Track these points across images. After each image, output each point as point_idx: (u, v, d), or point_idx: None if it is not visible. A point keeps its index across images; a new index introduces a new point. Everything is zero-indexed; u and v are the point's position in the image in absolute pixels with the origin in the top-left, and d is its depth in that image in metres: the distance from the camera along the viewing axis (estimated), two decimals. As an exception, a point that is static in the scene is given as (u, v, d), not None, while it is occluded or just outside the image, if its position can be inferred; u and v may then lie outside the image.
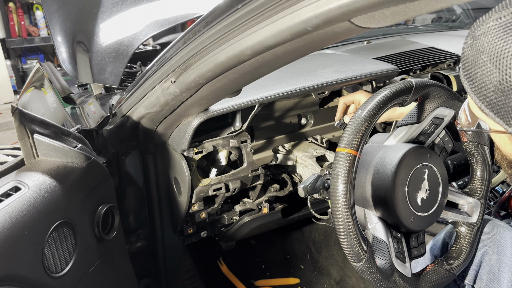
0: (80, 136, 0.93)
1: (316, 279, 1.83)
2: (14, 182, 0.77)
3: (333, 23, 0.56)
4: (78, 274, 0.82)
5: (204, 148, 1.11)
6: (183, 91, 0.88)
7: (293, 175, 1.38)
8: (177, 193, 1.17)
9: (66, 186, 0.81)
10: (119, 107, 1.10)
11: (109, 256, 0.94)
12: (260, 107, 1.14)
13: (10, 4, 4.26)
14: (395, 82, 0.92)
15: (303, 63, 1.44)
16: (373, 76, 1.35)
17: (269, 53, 0.67)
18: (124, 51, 1.27)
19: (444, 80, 1.56)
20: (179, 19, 1.34)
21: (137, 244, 1.29)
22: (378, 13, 0.53)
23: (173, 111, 0.99)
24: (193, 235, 1.31)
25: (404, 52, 1.63)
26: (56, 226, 0.76)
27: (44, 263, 0.73)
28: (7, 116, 4.11)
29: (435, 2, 0.48)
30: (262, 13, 0.61)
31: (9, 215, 0.70)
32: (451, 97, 0.95)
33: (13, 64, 4.50)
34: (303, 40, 0.62)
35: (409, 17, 0.52)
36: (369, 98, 0.82)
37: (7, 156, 1.07)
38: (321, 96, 1.27)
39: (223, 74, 0.79)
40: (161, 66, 0.89)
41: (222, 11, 0.68)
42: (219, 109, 1.06)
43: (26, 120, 0.81)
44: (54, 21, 1.33)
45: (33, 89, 1.70)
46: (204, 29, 0.73)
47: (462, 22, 2.46)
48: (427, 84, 0.91)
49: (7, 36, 4.33)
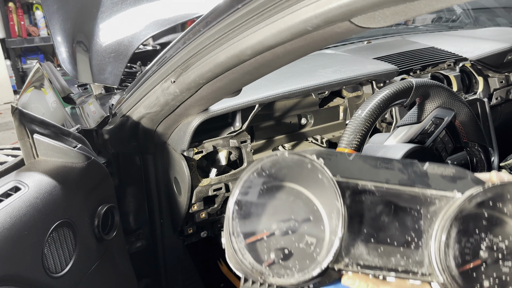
0: (80, 136, 0.93)
1: (316, 279, 1.83)
2: (14, 182, 0.77)
3: (333, 23, 0.56)
4: (78, 274, 0.82)
5: (204, 148, 1.10)
6: (183, 91, 0.88)
7: (293, 175, 1.37)
8: (177, 193, 1.17)
9: (66, 186, 0.81)
10: (119, 107, 1.10)
11: (109, 256, 0.94)
12: (260, 107, 1.14)
13: (10, 4, 4.26)
14: (395, 82, 0.92)
15: (303, 63, 1.44)
16: (373, 76, 1.35)
17: (269, 53, 0.67)
18: (124, 51, 1.27)
19: (444, 80, 1.56)
20: (179, 19, 1.34)
21: (137, 244, 1.29)
22: (378, 13, 0.52)
23: (173, 111, 0.99)
24: (193, 235, 1.31)
25: (404, 52, 1.63)
26: (56, 226, 0.76)
27: (44, 263, 0.73)
28: (7, 116, 4.11)
29: (435, 2, 0.48)
30: (262, 13, 0.61)
31: (9, 215, 0.70)
32: (451, 97, 0.95)
33: (13, 64, 4.50)
34: (303, 40, 0.62)
35: (409, 17, 0.52)
36: (369, 98, 0.82)
37: (7, 156, 1.07)
38: (321, 96, 1.27)
39: (223, 74, 0.79)
40: (161, 66, 0.89)
41: (222, 11, 0.68)
42: (219, 109, 1.06)
43: (26, 120, 0.81)
44: (54, 21, 1.33)
45: (33, 89, 1.70)
46: (204, 29, 0.73)
47: (462, 22, 2.46)
48: (427, 84, 0.91)
49: (7, 36, 4.32)
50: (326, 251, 0.52)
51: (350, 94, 1.42)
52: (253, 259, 0.52)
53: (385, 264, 0.53)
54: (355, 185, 0.54)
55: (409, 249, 0.53)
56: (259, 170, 0.54)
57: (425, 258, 0.52)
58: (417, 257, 0.53)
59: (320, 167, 0.53)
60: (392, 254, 0.53)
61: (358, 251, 0.53)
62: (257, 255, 0.53)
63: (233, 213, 0.54)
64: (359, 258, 0.53)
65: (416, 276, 0.52)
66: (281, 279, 0.52)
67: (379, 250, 0.53)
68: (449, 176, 0.55)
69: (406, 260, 0.53)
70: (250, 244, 0.53)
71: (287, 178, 0.55)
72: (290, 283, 0.52)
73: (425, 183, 0.55)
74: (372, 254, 0.53)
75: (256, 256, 0.53)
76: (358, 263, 0.53)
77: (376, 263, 0.53)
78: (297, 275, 0.51)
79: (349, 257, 0.53)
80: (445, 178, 0.56)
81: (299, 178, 0.55)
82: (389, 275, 0.53)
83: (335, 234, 0.52)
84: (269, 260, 0.53)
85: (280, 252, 0.53)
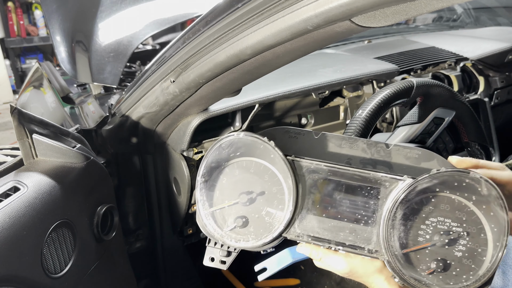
0: (79, 136, 0.92)
1: (316, 279, 1.83)
2: (13, 182, 0.77)
3: (334, 23, 0.56)
4: (77, 274, 0.82)
5: (203, 148, 1.10)
6: (182, 90, 0.87)
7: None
8: (176, 194, 1.17)
9: (65, 186, 0.81)
10: (118, 107, 1.10)
11: (108, 256, 0.94)
12: (260, 107, 1.13)
13: (9, 4, 4.26)
14: (396, 82, 0.92)
15: (304, 62, 1.44)
16: (374, 75, 1.35)
17: (269, 52, 0.67)
18: (124, 51, 1.26)
19: (445, 79, 1.55)
20: (179, 19, 1.34)
21: (136, 245, 1.29)
22: (379, 12, 0.52)
23: (173, 111, 0.98)
24: (193, 236, 1.31)
25: (405, 51, 1.63)
26: (55, 227, 0.76)
27: (43, 263, 0.73)
28: (6, 116, 4.11)
29: (436, 2, 0.48)
30: (262, 12, 0.60)
31: (8, 216, 0.69)
32: (452, 97, 0.94)
33: (12, 64, 4.50)
34: (304, 39, 0.62)
35: (410, 16, 0.52)
36: (370, 97, 0.82)
37: (6, 156, 1.06)
38: (321, 95, 1.27)
39: (223, 74, 0.78)
40: (161, 65, 0.88)
41: (222, 10, 0.67)
42: (219, 108, 1.06)
43: (25, 120, 0.81)
44: (53, 21, 1.33)
45: (32, 89, 1.70)
46: (203, 29, 0.73)
47: (463, 22, 2.46)
48: (428, 84, 0.91)
49: (6, 36, 4.32)
50: (279, 222, 0.60)
51: (351, 94, 1.41)
52: (216, 224, 0.62)
53: (334, 237, 0.59)
54: (309, 164, 0.60)
55: (358, 225, 0.58)
56: (219, 147, 0.61)
57: (374, 236, 0.57)
58: (366, 234, 0.58)
59: (271, 147, 0.59)
60: (342, 230, 0.59)
61: (310, 224, 0.60)
62: (219, 221, 0.62)
63: (200, 184, 0.62)
64: (310, 230, 0.60)
65: (363, 251, 0.58)
66: (237, 243, 0.61)
67: (329, 224, 0.59)
68: (414, 158, 0.58)
69: (354, 236, 0.58)
70: (214, 211, 0.62)
71: (251, 154, 0.62)
72: (245, 247, 0.61)
73: (386, 164, 0.60)
74: (322, 228, 0.60)
75: (219, 222, 0.62)
76: (309, 234, 0.60)
77: (325, 236, 0.59)
78: (252, 241, 0.60)
79: (301, 228, 0.60)
80: (409, 160, 0.60)
81: (264, 155, 0.62)
82: (337, 248, 0.59)
83: (288, 207, 0.59)
84: (230, 227, 0.61)
85: (240, 220, 0.61)
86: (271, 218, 0.60)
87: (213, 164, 0.62)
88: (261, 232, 0.60)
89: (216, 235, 0.62)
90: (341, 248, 0.58)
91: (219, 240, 0.62)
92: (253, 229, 0.60)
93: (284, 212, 0.59)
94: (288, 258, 0.65)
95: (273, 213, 0.60)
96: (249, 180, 0.61)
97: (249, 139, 0.60)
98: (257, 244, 0.60)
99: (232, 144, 0.61)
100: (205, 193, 0.62)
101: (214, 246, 0.65)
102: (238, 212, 0.61)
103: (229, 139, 0.61)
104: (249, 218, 0.61)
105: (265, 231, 0.60)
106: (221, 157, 0.62)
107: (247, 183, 0.61)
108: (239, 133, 0.60)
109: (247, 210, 0.61)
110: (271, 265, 0.66)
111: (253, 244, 0.60)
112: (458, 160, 0.61)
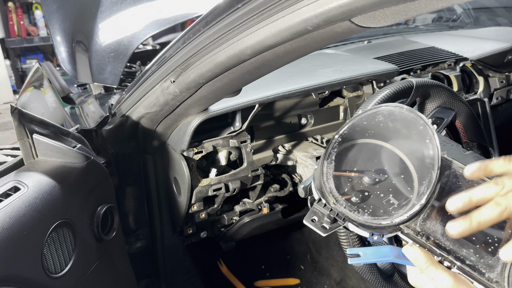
0: (79, 136, 0.93)
1: (316, 279, 1.83)
2: (13, 182, 0.77)
3: (334, 23, 0.56)
4: (77, 274, 0.82)
5: (203, 148, 1.10)
6: (182, 90, 0.87)
7: (293, 175, 1.37)
8: (176, 194, 1.17)
9: (66, 186, 0.81)
10: (118, 107, 1.10)
11: (108, 256, 0.94)
12: (260, 107, 1.14)
13: (9, 4, 4.26)
14: (395, 82, 0.92)
15: (303, 62, 1.44)
16: (374, 75, 1.35)
17: (269, 52, 0.67)
18: (124, 51, 1.26)
19: (445, 80, 1.56)
20: (179, 19, 1.34)
21: (136, 245, 1.29)
22: (378, 12, 0.52)
23: (173, 111, 0.98)
24: (193, 236, 1.31)
25: (405, 51, 1.63)
26: (55, 227, 0.76)
27: (43, 263, 0.73)
28: (6, 116, 4.11)
29: (435, 2, 0.48)
30: (262, 13, 0.60)
31: (8, 216, 0.69)
32: (451, 97, 0.94)
33: (12, 64, 4.50)
34: (303, 39, 0.62)
35: (409, 16, 0.52)
36: (370, 97, 0.82)
37: (6, 156, 1.06)
38: (321, 96, 1.27)
39: (223, 74, 0.78)
40: (161, 65, 0.89)
41: (222, 11, 0.67)
42: (219, 109, 1.06)
43: (25, 120, 0.81)
44: (54, 21, 1.33)
45: (32, 89, 1.70)
46: (204, 29, 0.73)
47: (462, 22, 2.46)
48: (427, 84, 0.91)
49: (6, 36, 4.32)
50: (404, 211, 0.53)
51: (351, 94, 1.41)
52: (334, 186, 0.57)
53: (455, 251, 0.52)
54: (458, 168, 0.56)
55: (485, 249, 0.51)
56: (377, 112, 0.58)
57: (499, 266, 0.51)
58: (491, 261, 0.51)
59: (430, 131, 0.55)
60: (466, 247, 0.52)
61: (433, 227, 0.53)
62: (339, 186, 0.58)
63: (335, 142, 0.59)
64: (431, 233, 0.53)
65: (483, 277, 0.51)
66: (350, 212, 0.55)
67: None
68: None
69: (477, 258, 0.51)
70: (337, 176, 0.58)
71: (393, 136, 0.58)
72: (357, 220, 0.55)
73: None
74: (446, 237, 0.53)
75: (338, 186, 0.58)
76: (429, 237, 0.53)
77: (446, 246, 0.52)
78: (367, 216, 0.54)
79: (422, 228, 0.54)
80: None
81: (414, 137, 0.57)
82: (453, 264, 0.52)
83: (419, 200, 0.53)
84: (348, 195, 0.57)
85: (360, 194, 0.56)
86: (395, 204, 0.55)
87: (357, 128, 0.59)
88: (381, 213, 0.55)
89: (331, 196, 0.57)
90: (459, 264, 0.51)
91: (331, 203, 0.57)
92: (372, 207, 0.55)
93: (414, 204, 0.53)
94: (389, 255, 0.59)
95: (401, 199, 0.55)
96: (388, 159, 0.58)
97: (411, 115, 0.57)
98: (371, 222, 0.54)
99: (389, 115, 0.58)
100: (336, 154, 0.58)
101: (322, 207, 0.59)
102: (363, 186, 0.57)
103: (389, 108, 0.58)
104: (372, 195, 0.56)
105: (384, 213, 0.55)
106: (369, 124, 0.59)
107: (379, 163, 0.58)
108: (402, 106, 0.57)
109: (371, 187, 0.57)
110: (367, 254, 0.59)
111: (366, 220, 0.54)
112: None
